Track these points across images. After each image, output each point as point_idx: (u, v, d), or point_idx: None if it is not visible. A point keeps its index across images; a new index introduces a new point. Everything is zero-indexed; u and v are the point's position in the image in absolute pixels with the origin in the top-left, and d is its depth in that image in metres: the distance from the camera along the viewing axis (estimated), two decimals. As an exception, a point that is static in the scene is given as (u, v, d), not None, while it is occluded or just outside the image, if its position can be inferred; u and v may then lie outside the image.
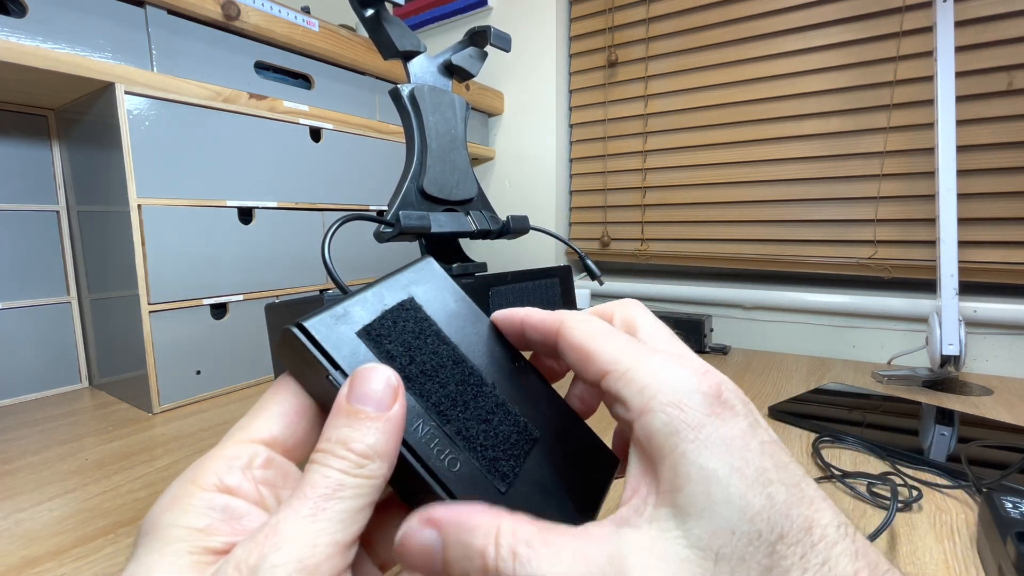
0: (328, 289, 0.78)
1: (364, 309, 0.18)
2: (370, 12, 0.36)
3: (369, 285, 0.19)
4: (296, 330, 0.16)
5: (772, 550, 0.13)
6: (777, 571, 0.13)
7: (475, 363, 0.19)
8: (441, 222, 0.36)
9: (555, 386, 0.21)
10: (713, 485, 0.13)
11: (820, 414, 0.55)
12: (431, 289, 0.20)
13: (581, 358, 0.17)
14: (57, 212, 0.69)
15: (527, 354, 0.21)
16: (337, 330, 0.17)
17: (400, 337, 0.18)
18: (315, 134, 0.76)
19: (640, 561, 0.13)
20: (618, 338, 0.17)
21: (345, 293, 0.20)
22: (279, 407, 0.17)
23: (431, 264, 0.20)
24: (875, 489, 0.39)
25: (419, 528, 0.15)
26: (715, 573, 0.13)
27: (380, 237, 0.34)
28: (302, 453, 0.18)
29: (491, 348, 0.20)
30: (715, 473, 0.14)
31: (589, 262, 0.47)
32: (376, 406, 0.16)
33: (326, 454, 0.15)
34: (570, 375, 0.21)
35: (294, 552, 0.13)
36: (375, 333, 0.17)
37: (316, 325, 0.16)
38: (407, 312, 0.18)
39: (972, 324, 0.75)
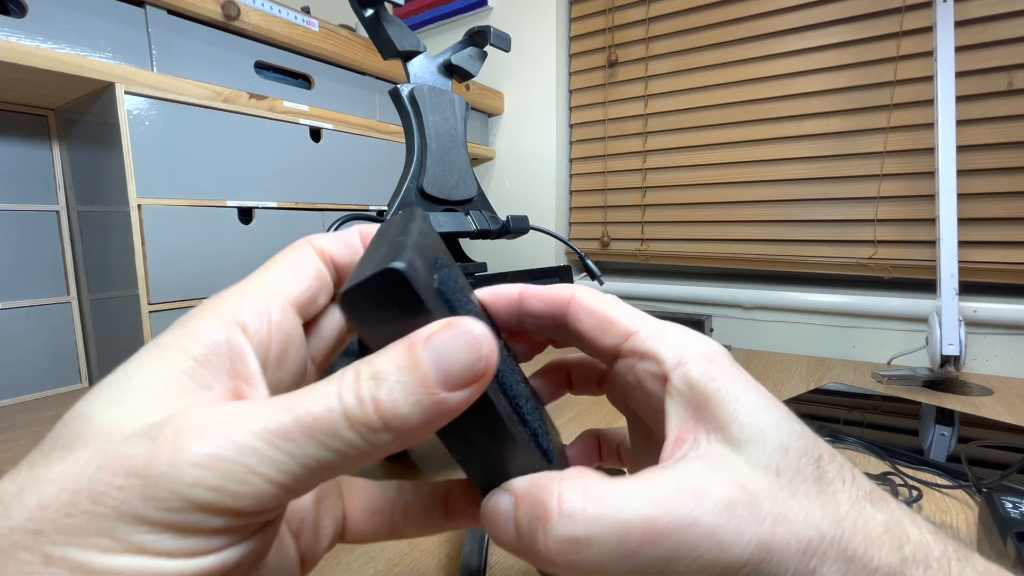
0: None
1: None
2: (370, 12, 0.36)
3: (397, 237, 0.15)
4: (403, 268, 0.12)
5: (817, 464, 0.15)
6: (824, 481, 0.15)
7: None
8: (441, 222, 0.36)
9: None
10: (761, 414, 0.15)
11: (820, 414, 0.55)
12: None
13: (600, 322, 0.17)
14: (57, 212, 0.69)
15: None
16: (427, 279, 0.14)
17: (457, 297, 0.15)
18: (315, 134, 0.76)
19: (711, 477, 0.14)
20: (632, 308, 0.18)
21: None
22: (301, 268, 0.15)
23: (427, 218, 0.17)
24: (875, 489, 0.39)
25: (498, 494, 0.15)
26: (778, 484, 0.14)
27: (380, 237, 0.34)
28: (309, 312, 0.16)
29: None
30: (760, 404, 0.15)
31: (589, 262, 0.47)
32: (443, 377, 0.12)
33: (354, 381, 0.12)
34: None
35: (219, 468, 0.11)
36: (444, 292, 0.15)
37: (411, 272, 0.13)
38: (450, 271, 0.15)
39: (972, 324, 0.75)
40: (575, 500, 0.13)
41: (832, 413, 0.55)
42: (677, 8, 0.97)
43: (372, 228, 0.17)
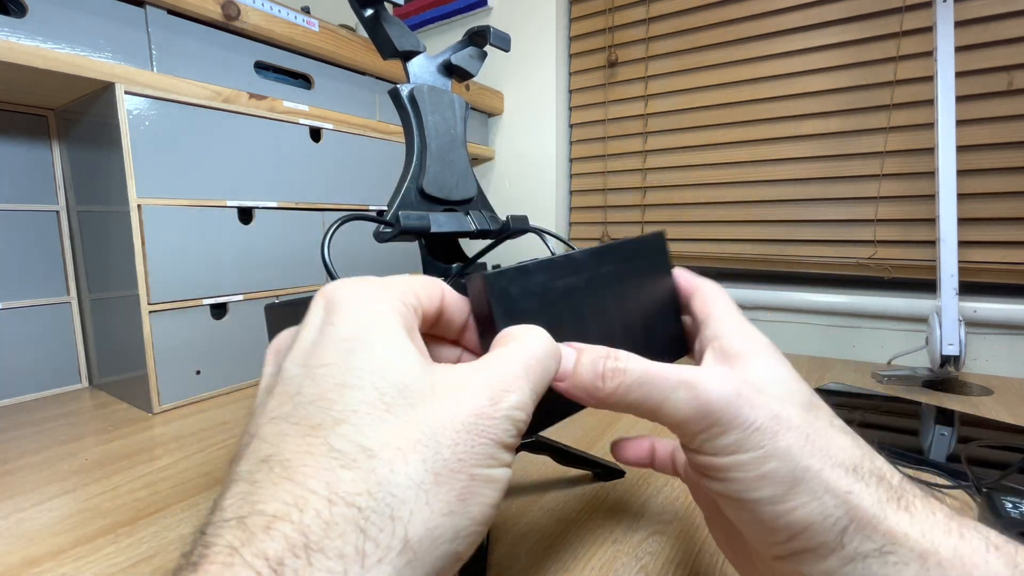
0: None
1: None
2: (369, 12, 0.36)
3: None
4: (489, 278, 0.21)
5: (810, 403, 0.20)
6: (822, 411, 0.20)
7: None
8: (441, 222, 0.36)
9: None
10: (773, 359, 0.21)
11: (820, 414, 0.55)
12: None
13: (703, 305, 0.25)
14: (57, 212, 0.69)
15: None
16: None
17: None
18: (315, 134, 0.76)
19: (716, 369, 0.21)
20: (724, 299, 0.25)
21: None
22: (435, 290, 0.20)
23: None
24: (875, 489, 0.39)
25: (566, 347, 0.20)
26: (803, 387, 0.21)
27: (380, 237, 0.34)
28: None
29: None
30: (775, 353, 0.22)
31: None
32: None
33: (513, 377, 0.17)
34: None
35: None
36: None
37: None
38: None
39: (972, 324, 0.75)
40: (619, 352, 0.20)
41: (832, 413, 0.55)
42: (677, 8, 0.97)
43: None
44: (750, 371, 0.20)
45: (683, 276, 0.27)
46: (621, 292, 0.25)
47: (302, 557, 0.12)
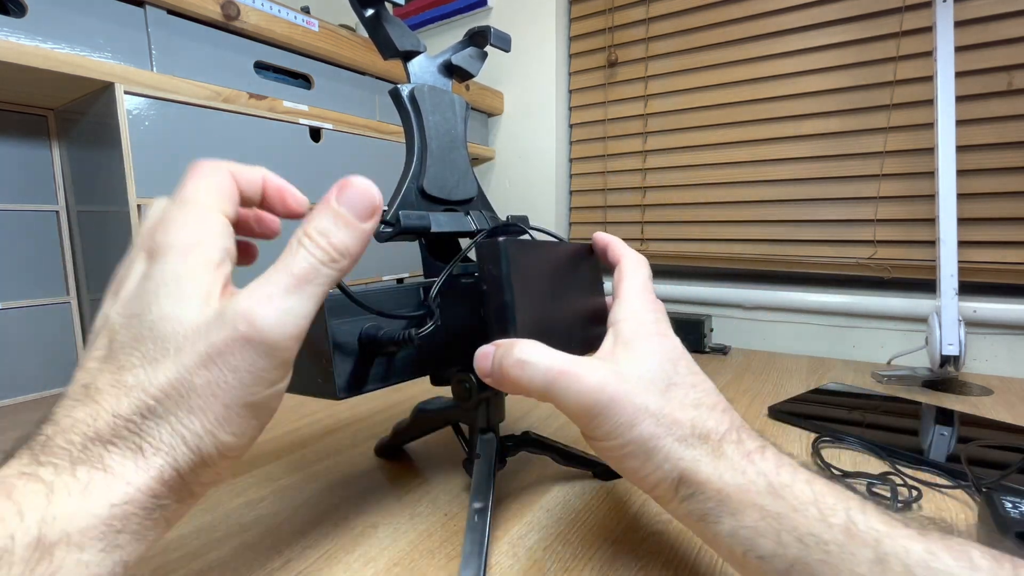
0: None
1: None
2: (370, 12, 0.36)
3: None
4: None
5: (668, 382, 0.26)
6: (678, 389, 0.26)
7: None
8: (441, 222, 0.36)
9: None
10: (654, 343, 0.27)
11: (820, 414, 0.55)
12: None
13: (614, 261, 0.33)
14: (57, 212, 0.69)
15: None
16: None
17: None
18: (315, 134, 0.76)
19: (595, 363, 0.26)
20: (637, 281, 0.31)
21: (348, 295, 0.25)
22: (231, 190, 0.24)
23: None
24: (875, 489, 0.39)
25: (487, 346, 0.27)
26: (667, 368, 0.26)
27: (380, 237, 0.34)
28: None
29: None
30: (657, 337, 0.28)
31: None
32: (358, 215, 0.23)
33: (312, 241, 0.21)
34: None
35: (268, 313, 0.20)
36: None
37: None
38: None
39: (972, 324, 0.75)
40: (528, 345, 0.26)
41: (832, 413, 0.55)
42: (677, 8, 0.97)
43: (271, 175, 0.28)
44: (628, 361, 0.26)
45: (611, 246, 0.33)
46: (574, 278, 0.34)
47: (96, 447, 0.18)
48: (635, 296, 0.29)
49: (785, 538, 0.21)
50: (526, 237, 0.36)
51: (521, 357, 0.25)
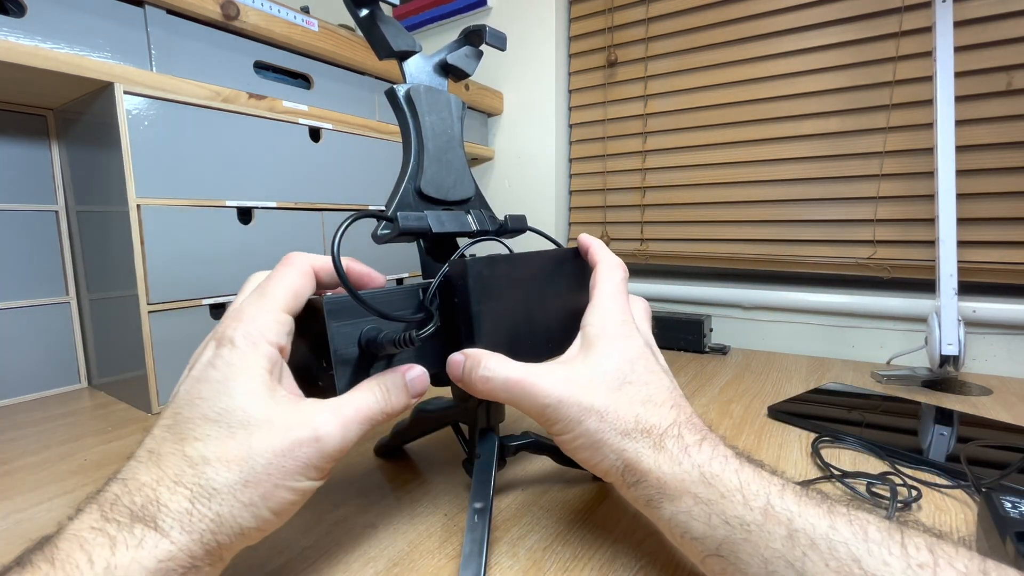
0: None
1: None
2: (364, 12, 0.36)
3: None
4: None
5: (621, 383, 0.29)
6: (631, 387, 0.29)
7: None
8: (442, 221, 0.36)
9: None
10: (616, 345, 0.31)
11: (820, 414, 0.55)
12: None
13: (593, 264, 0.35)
14: (56, 212, 0.69)
15: None
16: None
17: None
18: (315, 134, 0.76)
19: (557, 370, 0.30)
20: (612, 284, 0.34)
21: (354, 296, 0.28)
22: (301, 284, 0.28)
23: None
24: (874, 489, 0.39)
25: (458, 355, 0.31)
26: (623, 368, 0.30)
27: (379, 239, 0.34)
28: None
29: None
30: (621, 339, 0.31)
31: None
32: (413, 394, 0.29)
33: (384, 393, 0.28)
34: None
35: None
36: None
37: None
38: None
39: (971, 324, 0.75)
40: (492, 360, 0.30)
41: (831, 413, 0.55)
42: (677, 8, 0.97)
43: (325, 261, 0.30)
44: (584, 364, 0.29)
45: (591, 249, 0.35)
46: (556, 284, 0.36)
47: (152, 508, 0.21)
48: (606, 299, 0.32)
49: (715, 521, 0.24)
50: (504, 250, 0.38)
51: (483, 374, 0.29)
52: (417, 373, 0.29)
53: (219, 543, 0.22)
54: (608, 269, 0.33)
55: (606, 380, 0.29)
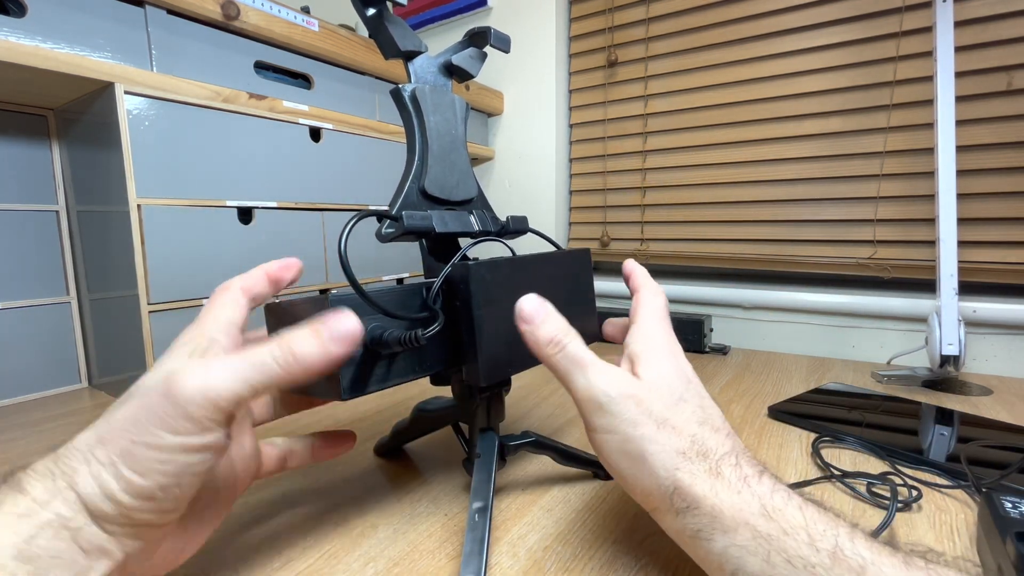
0: (329, 289, 0.78)
1: None
2: (372, 12, 0.36)
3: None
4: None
5: (679, 398, 0.28)
6: (687, 404, 0.28)
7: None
8: (445, 221, 0.36)
9: None
10: (665, 362, 0.29)
11: (820, 414, 0.55)
12: None
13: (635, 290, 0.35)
14: (56, 212, 0.69)
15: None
16: None
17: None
18: (315, 134, 0.76)
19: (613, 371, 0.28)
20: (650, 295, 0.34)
21: (360, 293, 0.28)
22: (239, 305, 0.27)
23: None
24: (875, 489, 0.39)
25: (536, 300, 0.30)
26: (679, 385, 0.28)
27: (383, 237, 0.34)
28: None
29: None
30: (668, 357, 0.30)
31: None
32: (332, 335, 0.24)
33: (280, 344, 0.23)
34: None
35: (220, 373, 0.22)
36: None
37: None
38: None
39: (972, 324, 0.75)
40: (570, 331, 0.29)
41: (832, 413, 0.55)
42: (677, 8, 0.97)
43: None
44: (643, 371, 0.28)
45: (634, 275, 0.35)
46: (557, 287, 0.36)
47: (20, 472, 0.21)
48: (651, 321, 0.31)
49: (775, 559, 0.22)
50: (506, 254, 0.39)
51: (558, 337, 0.28)
52: (344, 314, 0.24)
53: (88, 505, 0.21)
54: (651, 295, 0.33)
55: (662, 393, 0.27)
